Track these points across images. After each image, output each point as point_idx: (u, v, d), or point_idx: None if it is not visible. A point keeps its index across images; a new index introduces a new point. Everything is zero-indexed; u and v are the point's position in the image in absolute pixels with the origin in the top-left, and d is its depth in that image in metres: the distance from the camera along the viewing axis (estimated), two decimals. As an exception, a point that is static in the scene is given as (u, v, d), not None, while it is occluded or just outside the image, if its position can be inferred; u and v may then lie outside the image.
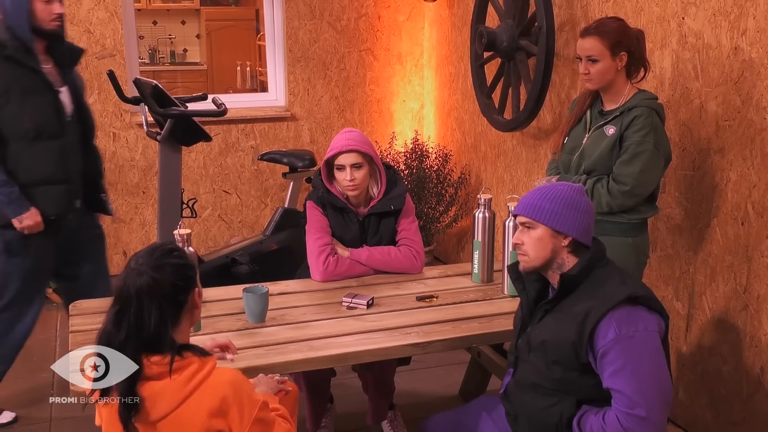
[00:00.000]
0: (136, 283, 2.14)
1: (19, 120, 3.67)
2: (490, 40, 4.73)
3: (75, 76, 3.97)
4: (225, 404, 2.16)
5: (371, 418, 3.80)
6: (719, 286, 3.58)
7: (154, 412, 2.13)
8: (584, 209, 2.56)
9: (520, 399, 2.66)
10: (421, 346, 2.95)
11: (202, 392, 2.15)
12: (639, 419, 2.37)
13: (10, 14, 3.62)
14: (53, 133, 3.75)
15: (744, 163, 3.38)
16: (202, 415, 2.14)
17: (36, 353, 4.77)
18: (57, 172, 3.79)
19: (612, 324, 2.39)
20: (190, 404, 2.14)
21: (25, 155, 3.70)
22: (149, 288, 2.13)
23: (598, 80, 3.29)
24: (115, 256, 6.21)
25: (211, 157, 6.34)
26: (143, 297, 2.13)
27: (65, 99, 3.83)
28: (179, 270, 2.21)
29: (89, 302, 3.34)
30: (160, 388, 2.13)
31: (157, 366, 2.13)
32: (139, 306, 2.13)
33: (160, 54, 10.25)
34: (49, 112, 3.74)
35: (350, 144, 3.49)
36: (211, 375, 2.18)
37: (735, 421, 3.54)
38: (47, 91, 3.74)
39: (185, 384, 2.14)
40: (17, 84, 3.65)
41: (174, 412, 2.13)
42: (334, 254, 3.57)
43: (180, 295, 2.21)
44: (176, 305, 2.20)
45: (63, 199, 3.83)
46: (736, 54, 3.37)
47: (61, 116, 3.78)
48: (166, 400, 2.13)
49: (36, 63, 3.69)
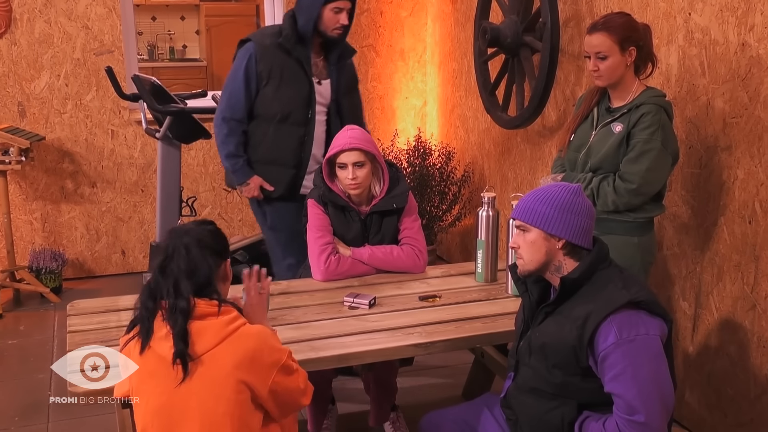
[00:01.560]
0: (183, 238, 2.39)
1: (270, 102, 4.12)
2: (494, 36, 4.72)
3: (344, 71, 4.31)
4: (258, 353, 2.35)
5: (373, 420, 3.81)
6: (726, 286, 3.58)
7: (198, 346, 2.32)
8: (579, 211, 2.55)
9: (521, 403, 2.66)
10: (423, 346, 2.96)
11: (238, 337, 2.35)
12: (638, 425, 2.37)
13: (303, 9, 4.03)
14: (298, 121, 4.15)
15: (751, 160, 3.37)
16: (235, 356, 2.32)
17: (33, 353, 4.78)
18: (292, 157, 4.19)
19: (613, 328, 2.39)
20: (227, 345, 2.33)
21: (268, 135, 4.16)
22: (197, 241, 2.40)
23: (607, 77, 3.28)
24: (114, 255, 6.23)
25: (211, 154, 6.34)
26: (191, 247, 2.38)
27: (323, 91, 4.21)
28: (217, 235, 2.49)
29: (87, 302, 3.34)
30: (203, 326, 2.34)
31: (205, 306, 2.35)
32: (187, 254, 2.37)
33: (159, 50, 10.27)
34: (298, 101, 4.14)
35: (352, 142, 3.49)
36: (245, 325, 2.40)
37: (742, 422, 3.54)
38: (304, 82, 4.12)
39: (226, 325, 2.35)
40: (279, 70, 4.09)
41: (214, 349, 2.32)
42: (335, 253, 3.57)
43: (218, 255, 2.45)
44: (216, 260, 2.44)
45: (289, 183, 4.23)
46: (744, 50, 3.37)
47: (310, 107, 4.15)
48: (209, 337, 2.32)
49: (304, 56, 4.09)
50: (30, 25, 5.71)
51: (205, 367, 2.31)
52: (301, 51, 4.08)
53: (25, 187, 5.94)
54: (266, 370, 2.36)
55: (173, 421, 2.33)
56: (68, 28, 5.80)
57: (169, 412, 2.33)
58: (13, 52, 5.72)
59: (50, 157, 5.94)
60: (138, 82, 4.78)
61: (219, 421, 2.31)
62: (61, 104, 5.89)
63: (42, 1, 5.70)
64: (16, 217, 5.91)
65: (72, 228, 6.12)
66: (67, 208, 6.08)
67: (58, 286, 5.85)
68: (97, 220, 6.16)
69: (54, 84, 5.85)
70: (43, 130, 5.85)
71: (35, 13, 5.71)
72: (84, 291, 5.90)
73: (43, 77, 5.81)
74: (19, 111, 5.80)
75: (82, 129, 5.98)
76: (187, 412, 2.32)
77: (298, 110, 4.13)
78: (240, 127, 4.16)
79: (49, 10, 5.73)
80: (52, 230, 6.07)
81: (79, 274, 6.22)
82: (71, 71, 5.87)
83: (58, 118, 5.90)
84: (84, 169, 6.05)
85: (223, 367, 2.31)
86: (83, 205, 6.10)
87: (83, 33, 5.83)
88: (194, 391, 2.31)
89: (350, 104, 4.38)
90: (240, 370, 2.31)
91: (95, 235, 6.19)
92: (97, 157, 6.06)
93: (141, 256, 6.28)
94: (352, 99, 4.42)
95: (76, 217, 6.11)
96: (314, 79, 4.16)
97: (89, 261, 6.23)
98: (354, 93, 4.47)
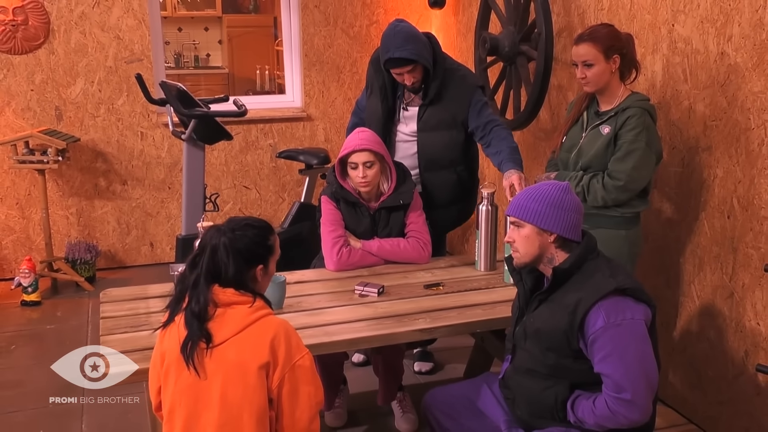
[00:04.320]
0: (214, 239, 2.37)
1: (364, 112, 4.10)
2: (493, 46, 4.73)
3: (439, 115, 3.86)
4: (277, 339, 2.31)
5: (381, 399, 3.82)
6: (707, 276, 3.59)
7: (223, 331, 2.30)
8: (569, 207, 2.56)
9: (518, 383, 2.68)
10: (428, 331, 2.98)
11: (260, 325, 2.33)
12: (625, 402, 2.39)
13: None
14: (376, 131, 3.78)
15: (730, 160, 3.38)
16: (256, 343, 2.29)
17: (69, 337, 4.82)
18: None
19: (601, 313, 2.41)
20: (249, 332, 2.31)
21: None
22: (226, 246, 2.35)
23: (594, 83, 3.29)
24: (143, 247, 6.25)
25: (233, 154, 6.37)
26: (218, 249, 2.35)
27: (407, 114, 3.94)
28: (253, 243, 2.42)
29: (119, 290, 3.36)
30: (230, 313, 2.33)
31: (234, 295, 2.34)
32: (213, 256, 2.35)
33: (184, 58, 10.26)
34: (374, 116, 3.97)
35: (363, 144, 3.51)
36: (271, 315, 2.39)
37: (721, 401, 3.55)
38: (384, 102, 3.93)
39: (251, 314, 2.33)
40: (373, 84, 3.99)
41: (237, 335, 2.30)
42: (347, 245, 3.59)
43: (247, 262, 2.40)
44: (242, 267, 2.38)
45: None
46: (723, 59, 3.37)
47: (384, 124, 3.93)
48: (234, 323, 2.31)
49: (389, 80, 3.90)
50: (67, 35, 5.74)
51: (228, 351, 2.28)
52: (387, 75, 3.89)
53: (62, 184, 5.97)
54: (281, 358, 2.30)
55: (199, 402, 2.30)
56: (101, 39, 5.82)
57: (196, 393, 2.31)
58: (51, 61, 5.74)
59: (85, 157, 5.97)
60: (165, 87, 4.79)
61: (237, 405, 2.27)
62: (95, 108, 5.91)
63: (78, 14, 5.73)
64: (54, 212, 5.94)
65: (105, 222, 6.15)
66: (100, 204, 6.11)
67: (92, 276, 5.89)
68: (127, 215, 6.19)
69: (88, 90, 5.87)
70: (78, 132, 5.88)
71: (71, 24, 5.73)
72: (115, 280, 5.93)
73: (78, 84, 5.84)
74: (57, 115, 5.82)
75: (114, 131, 6.00)
76: (210, 394, 2.29)
77: (374, 127, 3.89)
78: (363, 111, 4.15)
79: (84, 22, 5.75)
80: (86, 224, 6.09)
81: (111, 264, 6.25)
82: (104, 78, 5.89)
83: (92, 121, 5.92)
84: (115, 168, 6.08)
85: (244, 352, 2.28)
86: (115, 201, 6.13)
87: (115, 43, 5.85)
88: (217, 374, 2.28)
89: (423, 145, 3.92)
90: (260, 355, 2.27)
91: (126, 229, 6.21)
92: (127, 157, 6.08)
93: (168, 248, 6.30)
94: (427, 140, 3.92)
95: (109, 212, 6.14)
96: (402, 102, 3.94)
97: (120, 252, 6.26)
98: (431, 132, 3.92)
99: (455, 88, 3.86)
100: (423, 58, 3.70)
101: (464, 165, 4.00)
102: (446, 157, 3.92)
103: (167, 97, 4.81)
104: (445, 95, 3.85)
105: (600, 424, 2.46)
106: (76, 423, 3.86)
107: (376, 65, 3.93)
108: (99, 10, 5.76)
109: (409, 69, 3.72)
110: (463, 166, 3.99)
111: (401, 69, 3.73)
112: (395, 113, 3.96)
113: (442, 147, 3.89)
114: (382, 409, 3.89)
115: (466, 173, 4.01)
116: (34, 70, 5.73)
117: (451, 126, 3.87)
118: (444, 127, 3.87)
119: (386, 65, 3.77)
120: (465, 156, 3.99)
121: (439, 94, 3.83)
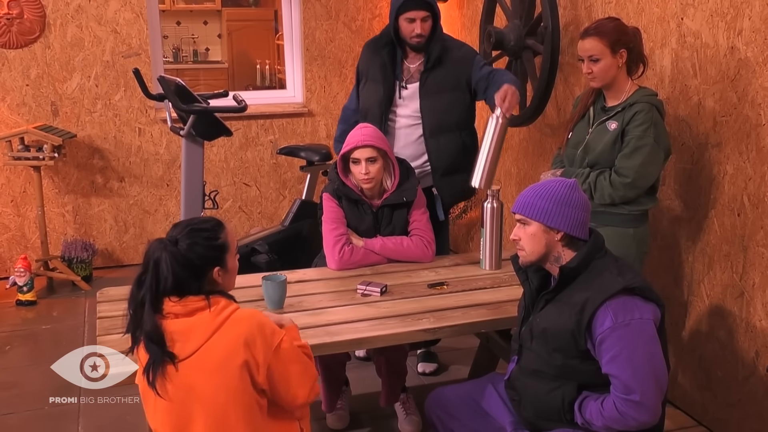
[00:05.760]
0: (154, 255, 2.29)
1: (359, 99, 4.17)
2: (498, 40, 4.72)
3: (442, 78, 3.94)
4: (251, 336, 2.27)
5: (384, 401, 3.82)
6: (716, 275, 3.59)
7: (191, 343, 2.26)
8: (576, 204, 2.56)
9: (524, 384, 2.67)
10: (432, 331, 2.97)
11: (230, 323, 2.29)
12: (634, 404, 2.39)
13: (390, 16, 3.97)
14: (375, 118, 3.97)
15: (740, 157, 3.38)
16: (229, 343, 2.26)
17: (66, 338, 4.82)
18: None
19: (609, 313, 2.41)
20: (221, 334, 2.27)
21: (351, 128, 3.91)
22: (167, 260, 2.27)
23: (601, 78, 3.29)
24: (141, 245, 6.25)
25: (232, 151, 6.37)
26: (159, 265, 2.27)
27: (406, 94, 4.00)
28: (197, 252, 2.33)
29: (115, 290, 3.36)
30: (193, 323, 2.27)
31: (193, 302, 2.28)
32: (155, 273, 2.27)
33: (183, 53, 10.26)
34: (374, 100, 4.02)
35: (366, 139, 3.51)
36: (237, 310, 2.33)
37: (731, 402, 3.55)
38: (385, 82, 3.99)
39: (217, 316, 2.28)
40: (368, 69, 4.10)
41: (208, 341, 2.26)
42: (349, 244, 3.59)
43: (197, 270, 2.33)
44: (195, 275, 2.32)
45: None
46: (733, 53, 3.37)
47: (384, 106, 3.99)
48: (201, 332, 2.27)
49: (388, 58, 3.99)
50: (63, 29, 5.74)
51: (202, 360, 2.26)
52: (387, 54, 4.00)
53: (58, 181, 5.97)
54: (261, 351, 2.28)
55: (182, 418, 2.29)
56: (98, 33, 5.82)
57: (177, 411, 2.29)
58: (47, 55, 5.75)
59: (81, 153, 5.97)
60: (163, 82, 4.78)
61: (223, 410, 2.26)
62: (92, 104, 5.91)
63: (74, 7, 5.73)
64: (50, 209, 5.95)
65: (101, 220, 6.15)
66: (97, 202, 6.11)
67: (89, 275, 5.89)
68: (125, 213, 6.19)
69: (85, 85, 5.87)
70: (75, 128, 5.88)
71: (67, 18, 5.73)
72: (113, 279, 5.93)
73: (74, 78, 5.84)
74: (53, 110, 5.83)
75: (111, 127, 6.00)
76: (193, 407, 2.27)
77: (374, 109, 4.02)
78: (352, 116, 4.22)
79: (80, 16, 5.75)
80: (83, 222, 6.10)
81: (108, 263, 6.26)
82: (101, 73, 5.89)
83: (88, 117, 5.93)
84: (113, 165, 6.08)
85: (219, 356, 2.25)
86: (112, 199, 6.14)
87: (112, 37, 5.86)
88: (194, 386, 2.26)
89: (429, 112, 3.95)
90: (236, 356, 2.25)
91: (123, 227, 6.22)
92: (125, 154, 6.09)
93: (166, 246, 6.28)
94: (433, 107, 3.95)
95: (106, 210, 6.14)
96: (396, 81, 4.01)
97: (117, 251, 6.26)
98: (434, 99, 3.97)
99: (457, 50, 4.02)
100: (436, 8, 3.90)
101: (468, 131, 4.09)
102: (451, 120, 3.99)
103: (165, 93, 4.80)
104: (447, 58, 3.96)
105: (608, 426, 2.46)
106: (73, 425, 3.86)
107: (372, 48, 4.12)
108: (96, 4, 5.76)
109: (423, 16, 3.85)
110: (467, 131, 4.09)
111: (417, 12, 3.83)
112: (393, 99, 4.02)
113: (446, 109, 3.98)
114: (385, 411, 3.89)
115: (470, 139, 4.08)
116: (30, 64, 5.73)
117: (454, 87, 3.97)
118: (448, 88, 3.96)
119: (402, 8, 3.85)
120: (470, 121, 4.12)
121: (440, 57, 3.93)
